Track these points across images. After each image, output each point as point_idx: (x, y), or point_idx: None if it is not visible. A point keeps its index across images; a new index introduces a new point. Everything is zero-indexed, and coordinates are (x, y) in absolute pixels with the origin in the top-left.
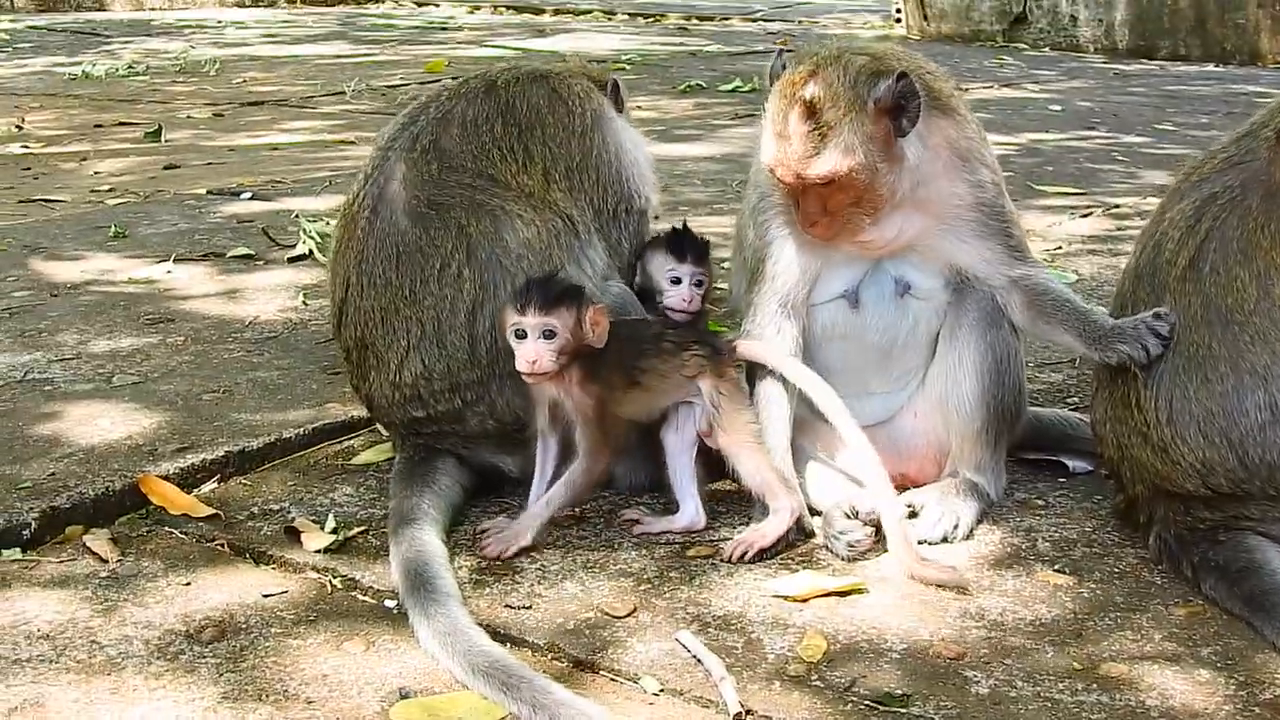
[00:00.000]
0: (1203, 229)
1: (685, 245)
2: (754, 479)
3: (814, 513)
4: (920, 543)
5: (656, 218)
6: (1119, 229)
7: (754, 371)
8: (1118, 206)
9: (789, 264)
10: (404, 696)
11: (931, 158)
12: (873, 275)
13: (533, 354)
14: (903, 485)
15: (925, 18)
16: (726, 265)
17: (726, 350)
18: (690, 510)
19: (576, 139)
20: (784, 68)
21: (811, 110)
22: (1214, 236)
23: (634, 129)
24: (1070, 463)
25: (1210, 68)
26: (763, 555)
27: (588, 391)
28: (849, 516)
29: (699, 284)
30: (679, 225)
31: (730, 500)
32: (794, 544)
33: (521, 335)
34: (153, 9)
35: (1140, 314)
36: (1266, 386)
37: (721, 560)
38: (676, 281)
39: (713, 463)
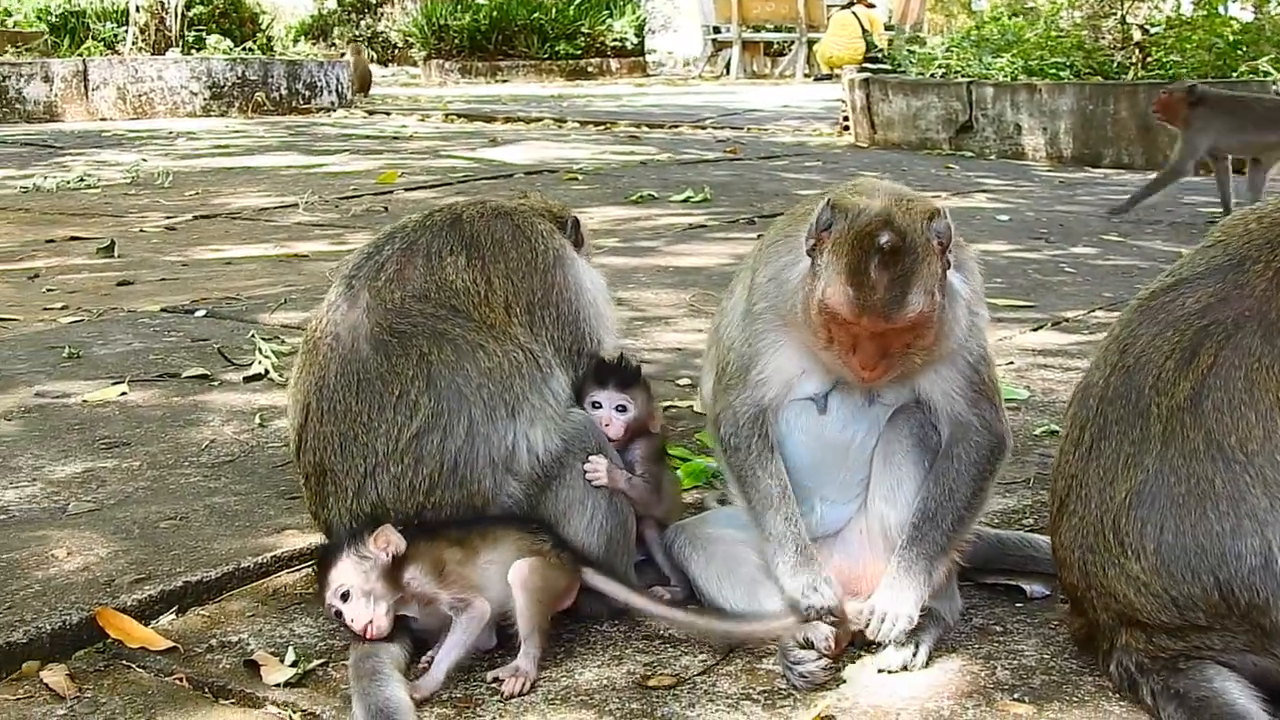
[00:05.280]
0: (1203, 363)
1: (608, 371)
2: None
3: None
4: (880, 671)
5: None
6: (1070, 343)
7: (740, 471)
8: (1067, 320)
9: (775, 373)
10: None
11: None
12: (845, 384)
13: (363, 620)
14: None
15: (873, 126)
16: (683, 383)
17: None
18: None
19: (538, 276)
20: (831, 220)
21: (893, 257)
22: (1217, 371)
23: (595, 270)
24: (1028, 587)
25: (1153, 176)
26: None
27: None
28: (802, 646)
29: (620, 409)
30: (615, 355)
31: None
32: (754, 671)
33: (345, 598)
34: (104, 119)
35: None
36: (1263, 532)
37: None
38: (596, 406)
39: None
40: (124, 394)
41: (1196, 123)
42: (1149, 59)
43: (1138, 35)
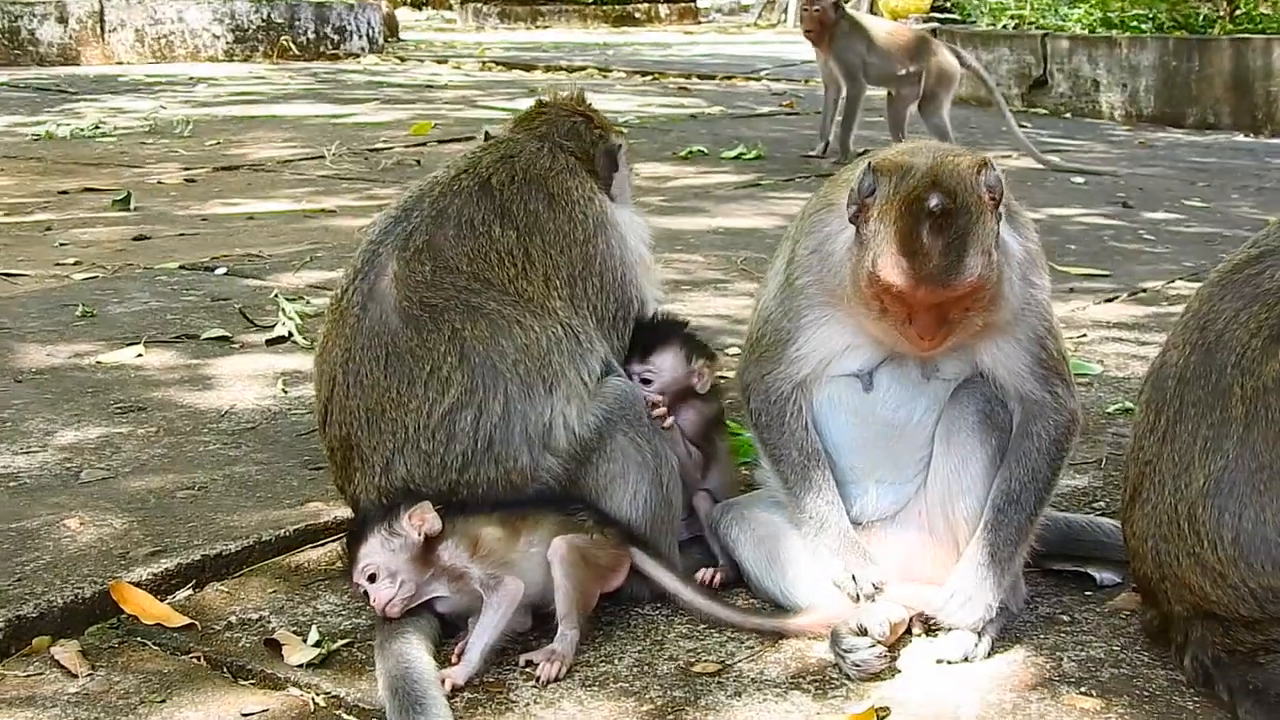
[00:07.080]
0: None
1: (636, 338)
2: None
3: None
4: (939, 662)
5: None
6: (1146, 315)
7: (775, 449)
8: (1144, 290)
9: (814, 351)
10: None
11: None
12: (895, 359)
13: (383, 600)
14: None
15: None
16: (732, 352)
17: None
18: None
19: (578, 247)
20: (874, 185)
21: (946, 220)
22: None
23: (636, 217)
24: (1098, 575)
25: (1240, 138)
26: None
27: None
28: (856, 634)
29: (645, 382)
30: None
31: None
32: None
33: (373, 578)
34: (121, 63)
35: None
36: None
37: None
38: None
39: None
40: (140, 355)
41: (839, 41)
42: (1237, 12)
43: None
